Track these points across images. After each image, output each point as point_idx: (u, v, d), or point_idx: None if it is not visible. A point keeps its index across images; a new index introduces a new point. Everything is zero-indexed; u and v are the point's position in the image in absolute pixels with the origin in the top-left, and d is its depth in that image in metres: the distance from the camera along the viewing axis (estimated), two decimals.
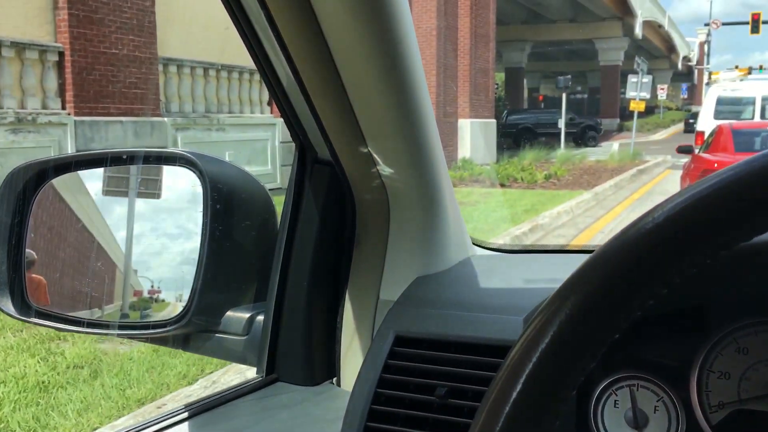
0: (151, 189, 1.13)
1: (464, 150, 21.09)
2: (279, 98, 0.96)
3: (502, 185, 15.93)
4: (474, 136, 21.49)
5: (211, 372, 4.22)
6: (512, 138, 32.31)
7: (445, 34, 20.16)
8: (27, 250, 1.10)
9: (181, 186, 1.09)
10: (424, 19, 18.94)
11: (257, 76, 14.24)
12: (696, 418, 0.82)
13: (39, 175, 1.11)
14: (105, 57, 10.74)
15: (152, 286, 1.10)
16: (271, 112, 14.60)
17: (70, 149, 10.08)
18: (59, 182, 1.13)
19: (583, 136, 34.08)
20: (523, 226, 9.82)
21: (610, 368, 0.85)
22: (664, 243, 0.40)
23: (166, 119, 11.86)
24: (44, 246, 1.16)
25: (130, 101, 11.20)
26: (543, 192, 14.72)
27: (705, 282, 0.80)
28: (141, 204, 1.14)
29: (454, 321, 0.93)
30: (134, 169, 1.12)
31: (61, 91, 10.38)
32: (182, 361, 4.35)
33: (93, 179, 1.14)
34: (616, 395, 0.85)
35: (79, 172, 1.15)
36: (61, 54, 10.25)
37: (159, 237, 1.13)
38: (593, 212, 12.19)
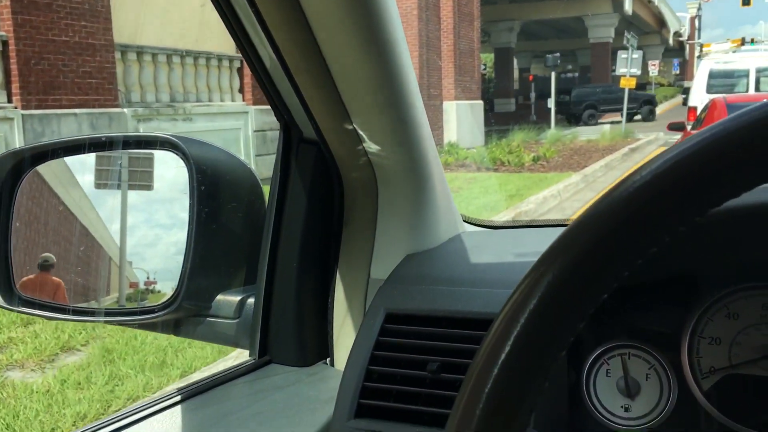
0: (144, 180, 1.10)
1: (450, 133, 20.49)
2: (261, 77, 0.95)
3: (488, 169, 15.31)
4: (460, 119, 20.91)
5: (118, 410, 3.58)
6: (574, 116, 32.26)
7: (427, 14, 19.50)
8: (46, 254, 1.12)
9: (165, 171, 1.07)
10: None
11: (226, 62, 13.55)
12: (687, 384, 0.82)
13: (20, 164, 1.09)
14: (54, 45, 10.00)
15: (148, 277, 1.08)
16: (244, 100, 13.90)
17: (17, 145, 9.37)
18: (44, 170, 1.11)
19: (641, 110, 33.75)
20: (506, 213, 9.19)
21: (601, 337, 0.85)
22: (652, 200, 0.40)
23: (125, 110, 11.14)
24: (29, 234, 1.15)
25: (84, 92, 10.47)
26: (530, 175, 14.12)
27: (695, 248, 0.80)
28: (127, 190, 1.11)
29: (444, 296, 0.93)
30: (123, 159, 1.09)
31: (7, 83, 9.60)
32: (87, 396, 3.73)
33: (79, 167, 1.12)
34: (608, 364, 0.85)
35: (64, 159, 1.11)
36: (4, 43, 9.52)
37: (146, 223, 1.11)
38: (582, 195, 11.57)
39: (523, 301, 0.42)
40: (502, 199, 10.61)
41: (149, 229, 1.10)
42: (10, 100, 9.58)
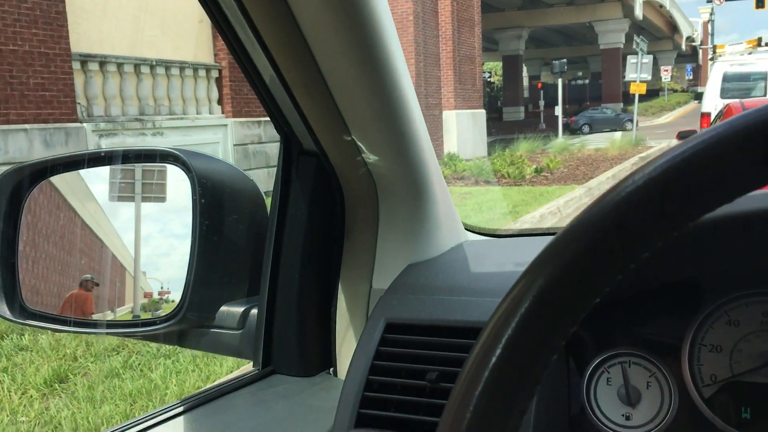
0: (150, 192, 1.11)
1: (450, 144, 19.55)
2: (261, 91, 0.96)
3: (487, 182, 14.33)
4: (461, 129, 19.97)
5: None
6: None
7: (424, 19, 18.61)
8: (87, 275, 1.12)
9: (168, 184, 1.08)
10: (399, 1, 17.38)
11: (203, 72, 12.69)
12: (688, 392, 0.82)
13: (23, 180, 1.12)
14: (0, 55, 9.14)
15: (162, 287, 1.08)
16: (223, 112, 13.01)
17: None
18: (57, 181, 1.13)
19: None
20: None
21: (601, 345, 0.85)
22: (644, 205, 0.40)
23: (85, 125, 10.25)
24: (31, 247, 1.15)
25: (36, 106, 9.57)
26: (531, 188, 13.13)
27: (695, 256, 0.80)
28: (133, 205, 1.12)
29: (444, 306, 0.94)
30: (124, 173, 1.10)
31: None
32: None
33: (90, 179, 1.13)
34: (609, 372, 0.85)
35: (80, 171, 1.13)
36: None
37: (157, 237, 1.10)
38: None
39: (514, 306, 0.42)
40: (495, 217, 9.62)
41: (153, 241, 1.10)
42: None
